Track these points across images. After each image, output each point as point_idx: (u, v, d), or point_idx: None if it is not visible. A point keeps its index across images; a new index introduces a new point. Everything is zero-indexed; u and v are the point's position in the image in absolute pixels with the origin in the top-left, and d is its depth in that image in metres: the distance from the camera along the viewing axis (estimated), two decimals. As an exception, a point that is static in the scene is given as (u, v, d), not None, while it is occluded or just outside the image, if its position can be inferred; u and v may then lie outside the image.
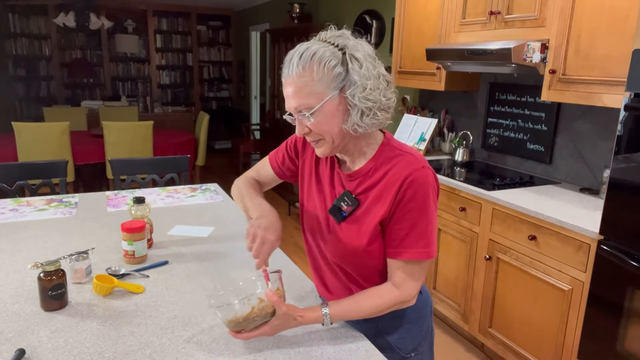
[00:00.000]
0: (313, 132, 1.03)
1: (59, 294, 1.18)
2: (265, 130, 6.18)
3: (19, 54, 7.01)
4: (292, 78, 0.99)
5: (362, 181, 1.09)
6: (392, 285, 1.07)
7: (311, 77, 0.97)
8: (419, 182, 1.02)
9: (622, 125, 1.75)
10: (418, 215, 1.03)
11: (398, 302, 1.08)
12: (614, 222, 1.79)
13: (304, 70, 0.97)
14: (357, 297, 1.09)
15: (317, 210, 1.17)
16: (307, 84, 0.98)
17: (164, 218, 1.92)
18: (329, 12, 5.00)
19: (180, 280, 1.37)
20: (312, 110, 0.99)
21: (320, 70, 0.97)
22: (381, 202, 1.05)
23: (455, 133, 3.35)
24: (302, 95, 0.98)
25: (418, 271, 1.07)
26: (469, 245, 2.52)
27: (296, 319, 1.03)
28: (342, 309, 1.06)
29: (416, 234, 1.03)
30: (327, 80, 0.98)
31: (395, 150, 1.08)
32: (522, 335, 2.25)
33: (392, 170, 1.05)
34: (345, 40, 1.00)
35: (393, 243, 1.06)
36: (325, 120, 1.00)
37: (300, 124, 1.04)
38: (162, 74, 8.00)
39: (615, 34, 1.98)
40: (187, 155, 2.73)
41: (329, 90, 0.98)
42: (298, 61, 0.98)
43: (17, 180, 2.39)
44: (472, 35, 2.73)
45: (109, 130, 4.42)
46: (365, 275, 1.13)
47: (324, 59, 0.97)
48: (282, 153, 1.30)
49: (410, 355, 1.20)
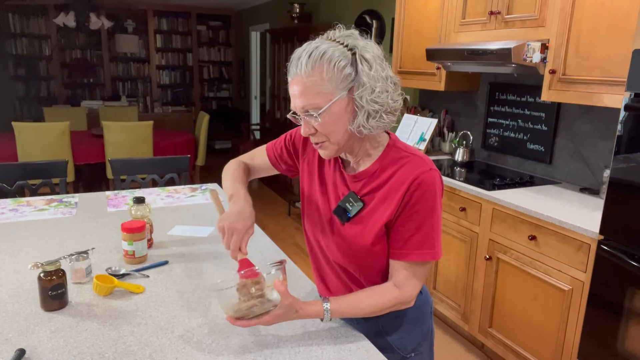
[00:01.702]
0: (319, 132, 1.02)
1: (59, 294, 1.18)
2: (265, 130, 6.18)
3: (19, 54, 7.01)
4: (300, 77, 0.97)
5: (367, 182, 1.09)
6: (394, 285, 1.07)
7: (320, 76, 0.96)
8: (427, 184, 1.02)
9: (622, 125, 1.75)
10: (425, 217, 1.03)
11: (398, 303, 1.08)
12: (614, 222, 1.79)
13: (312, 70, 0.96)
14: (359, 295, 1.09)
15: (320, 211, 1.17)
16: (316, 84, 0.97)
17: (164, 218, 1.92)
18: (329, 12, 5.00)
19: (180, 280, 1.37)
20: (320, 111, 0.98)
21: (330, 70, 0.96)
22: (387, 203, 1.05)
23: (455, 133, 3.35)
24: (310, 95, 0.97)
25: (421, 272, 1.07)
26: (469, 245, 2.52)
27: (297, 311, 1.02)
28: (343, 305, 1.06)
29: (422, 236, 1.03)
30: (336, 81, 0.97)
31: (401, 151, 1.08)
32: (522, 335, 2.25)
33: (399, 172, 1.05)
34: (355, 40, 1.00)
35: (398, 244, 1.06)
36: (332, 121, 0.99)
37: (306, 124, 1.02)
38: (162, 74, 8.00)
39: (615, 34, 1.98)
40: (187, 155, 2.73)
41: (338, 91, 0.97)
42: (307, 60, 0.96)
43: (17, 180, 2.39)
44: (472, 35, 2.73)
45: (109, 130, 4.42)
46: (367, 275, 1.13)
47: (333, 58, 0.96)
48: (281, 146, 1.30)
49: (410, 355, 1.20)
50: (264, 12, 6.92)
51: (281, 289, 0.98)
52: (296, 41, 4.95)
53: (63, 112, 5.87)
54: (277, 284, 0.98)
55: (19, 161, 4.11)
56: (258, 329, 1.11)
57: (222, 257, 1.54)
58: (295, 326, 1.13)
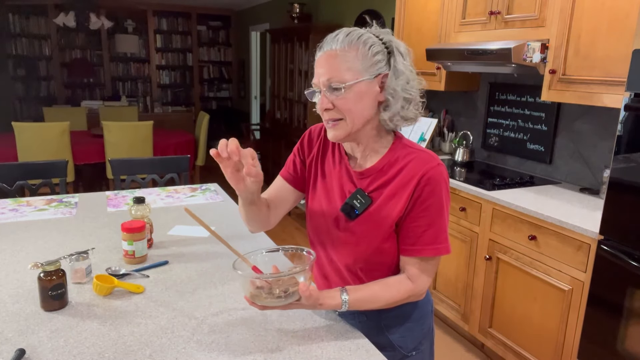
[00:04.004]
0: (336, 109, 1.02)
1: (59, 294, 1.18)
2: (265, 130, 6.18)
3: (19, 54, 7.00)
4: (334, 51, 1.01)
5: (374, 179, 1.09)
6: (407, 278, 1.09)
7: (355, 54, 1.00)
8: (436, 180, 1.04)
9: (622, 125, 1.75)
10: (436, 212, 1.05)
11: (412, 295, 1.10)
12: (614, 222, 1.79)
13: (348, 47, 1.01)
14: (375, 287, 1.09)
15: (325, 210, 1.16)
16: (348, 60, 1.00)
17: (164, 218, 1.92)
18: (329, 12, 5.00)
19: (180, 280, 1.37)
20: (346, 84, 1.00)
21: (364, 51, 1.01)
22: (395, 199, 1.06)
23: (455, 133, 3.35)
24: (340, 69, 1.00)
25: (432, 266, 1.09)
26: (469, 245, 2.52)
27: (316, 306, 1.03)
28: (360, 298, 1.06)
29: (434, 231, 1.05)
30: (368, 63, 1.01)
31: (408, 148, 1.10)
32: (522, 335, 2.25)
33: (407, 168, 1.06)
34: (389, 36, 1.06)
35: (410, 240, 1.07)
36: (353, 100, 1.01)
37: (325, 98, 1.02)
38: (162, 74, 8.00)
39: (615, 34, 1.98)
40: (187, 155, 2.73)
41: (366, 74, 1.01)
42: (344, 38, 1.01)
43: (17, 180, 2.39)
44: (472, 35, 2.73)
45: (109, 130, 4.42)
46: (373, 275, 1.13)
47: (369, 42, 1.01)
48: (292, 159, 1.25)
49: (411, 354, 1.20)
50: (264, 12, 6.92)
51: (306, 294, 0.97)
52: (296, 41, 4.95)
53: (63, 112, 5.87)
54: (303, 288, 0.97)
55: (19, 161, 4.11)
56: (258, 329, 1.12)
57: (223, 257, 1.54)
58: (296, 325, 1.13)
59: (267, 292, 0.98)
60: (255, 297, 0.99)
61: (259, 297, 0.99)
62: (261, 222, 1.21)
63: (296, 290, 0.98)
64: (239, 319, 1.16)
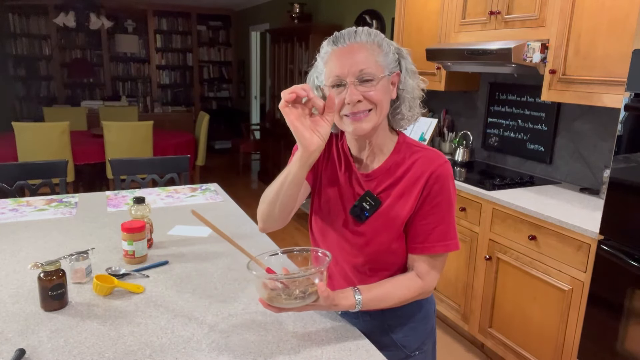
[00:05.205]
0: (365, 101, 1.01)
1: (59, 294, 1.18)
2: (265, 130, 6.18)
3: (19, 54, 7.00)
4: (362, 44, 1.02)
5: (382, 180, 1.10)
6: (416, 275, 1.10)
7: (380, 49, 1.03)
8: (444, 177, 1.06)
9: (622, 125, 1.75)
10: (445, 209, 1.06)
11: (421, 293, 1.10)
12: (614, 222, 1.79)
13: (373, 42, 1.02)
14: (386, 286, 1.09)
15: (332, 212, 1.16)
16: (376, 54, 1.02)
17: (164, 218, 1.92)
18: (329, 12, 5.00)
19: (180, 280, 1.37)
20: (377, 76, 1.01)
21: (386, 47, 1.04)
22: (404, 199, 1.07)
23: (455, 133, 3.35)
24: (371, 61, 1.01)
25: (441, 262, 1.11)
26: (469, 245, 2.52)
27: (331, 307, 1.02)
28: (374, 297, 1.06)
29: (443, 228, 1.07)
30: (389, 59, 1.04)
31: (412, 147, 1.11)
32: (522, 335, 2.25)
33: (414, 167, 1.07)
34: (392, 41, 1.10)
35: (419, 238, 1.08)
36: (382, 92, 1.03)
37: (354, 90, 1.00)
38: (162, 74, 8.00)
39: (615, 34, 1.98)
40: (187, 155, 2.73)
41: (386, 70, 1.03)
42: (367, 32, 1.03)
43: (17, 180, 2.39)
44: (472, 35, 2.73)
45: (109, 130, 4.42)
46: (383, 275, 1.13)
47: (387, 41, 1.05)
48: None
49: (414, 353, 1.21)
50: (264, 12, 6.92)
51: (325, 294, 0.97)
52: (296, 41, 4.95)
53: (63, 112, 5.87)
54: (322, 288, 0.96)
55: (19, 161, 4.11)
56: (258, 329, 1.12)
57: (223, 257, 1.54)
58: (296, 326, 1.13)
59: (285, 294, 0.97)
60: (273, 300, 0.97)
61: (278, 299, 0.97)
62: (288, 211, 1.13)
63: (314, 290, 0.97)
64: (239, 319, 1.16)
